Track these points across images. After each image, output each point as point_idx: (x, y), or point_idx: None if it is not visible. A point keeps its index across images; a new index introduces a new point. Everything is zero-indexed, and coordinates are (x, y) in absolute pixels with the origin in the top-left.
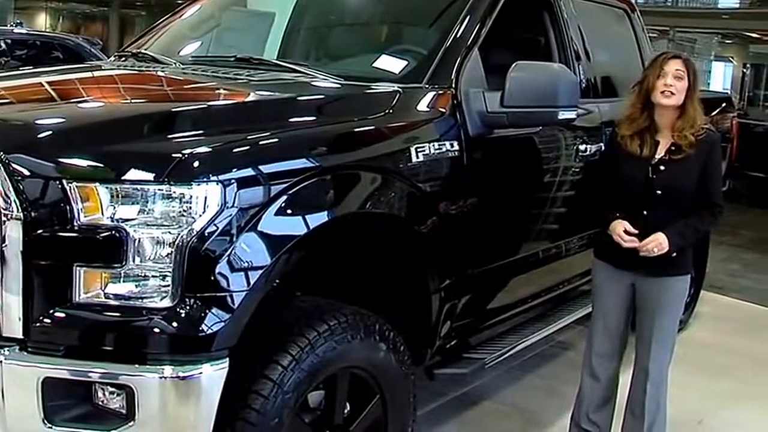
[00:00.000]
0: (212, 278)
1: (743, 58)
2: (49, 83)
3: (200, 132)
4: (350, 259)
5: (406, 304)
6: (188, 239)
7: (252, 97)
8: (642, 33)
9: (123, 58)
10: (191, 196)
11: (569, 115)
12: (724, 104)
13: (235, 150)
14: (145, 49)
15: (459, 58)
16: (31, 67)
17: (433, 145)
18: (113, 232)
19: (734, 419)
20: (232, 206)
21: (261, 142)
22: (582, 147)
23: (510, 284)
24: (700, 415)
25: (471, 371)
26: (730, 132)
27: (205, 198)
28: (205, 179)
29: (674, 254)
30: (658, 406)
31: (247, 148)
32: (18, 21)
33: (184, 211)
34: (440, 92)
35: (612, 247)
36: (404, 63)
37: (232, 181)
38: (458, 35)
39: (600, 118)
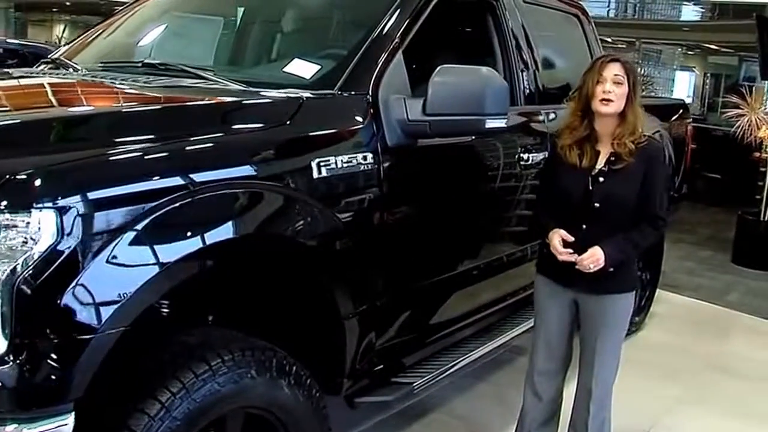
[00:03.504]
0: (51, 320)
1: (704, 68)
2: None
3: (47, 147)
4: (249, 286)
5: (317, 332)
6: (20, 275)
7: (125, 106)
8: (594, 38)
9: (45, 65)
10: (23, 224)
11: (498, 123)
12: (681, 111)
13: (82, 167)
14: (67, 56)
15: (378, 63)
16: None
17: (341, 159)
18: None
19: (682, 427)
20: (76, 234)
21: (118, 157)
22: (526, 156)
23: (441, 303)
24: (649, 423)
25: (397, 398)
26: (685, 137)
27: (41, 226)
28: (41, 203)
29: (611, 269)
30: (602, 425)
31: (99, 164)
32: None
33: (15, 241)
34: (353, 99)
35: (553, 262)
36: (317, 68)
37: (76, 204)
38: (379, 38)
39: (547, 126)
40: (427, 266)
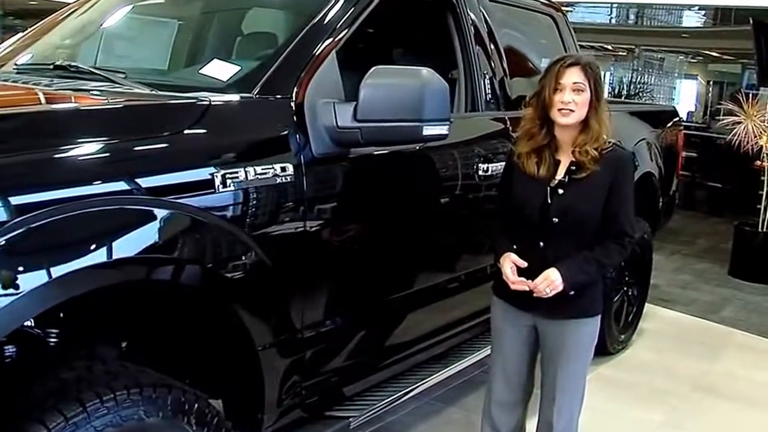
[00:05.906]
0: None
1: (707, 76)
2: None
3: None
4: (154, 312)
5: (231, 363)
6: None
7: None
8: (570, 39)
9: None
10: None
11: (438, 130)
12: (673, 118)
13: None
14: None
15: (306, 64)
16: None
17: (253, 170)
18: None
19: None
20: None
21: None
22: (485, 166)
23: (380, 329)
24: None
25: None
26: (677, 145)
27: None
28: None
29: (572, 293)
30: None
31: None
32: None
33: None
34: (273, 103)
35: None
36: (236, 69)
37: None
38: (307, 38)
39: (512, 133)
40: (359, 289)
